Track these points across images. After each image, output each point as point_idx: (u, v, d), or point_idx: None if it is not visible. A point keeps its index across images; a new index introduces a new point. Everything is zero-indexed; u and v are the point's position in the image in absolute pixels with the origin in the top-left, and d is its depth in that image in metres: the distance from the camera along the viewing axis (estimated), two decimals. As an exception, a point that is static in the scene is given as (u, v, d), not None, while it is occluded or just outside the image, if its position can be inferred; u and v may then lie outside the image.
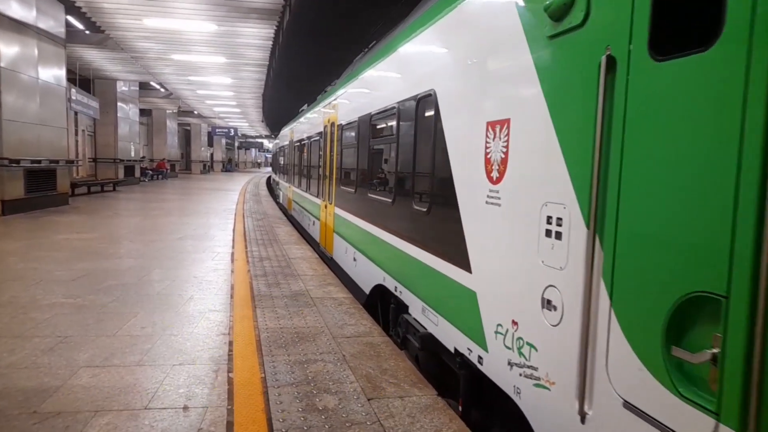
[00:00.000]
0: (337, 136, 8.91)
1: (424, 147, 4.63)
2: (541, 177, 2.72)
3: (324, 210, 10.00)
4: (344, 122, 8.26)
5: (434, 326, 4.24)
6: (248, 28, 15.17)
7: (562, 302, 2.53)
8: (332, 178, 9.22)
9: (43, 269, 7.31)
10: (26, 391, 3.54)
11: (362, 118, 6.96)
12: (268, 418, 3.25)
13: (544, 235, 2.65)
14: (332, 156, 9.32)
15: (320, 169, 10.65)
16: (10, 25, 13.38)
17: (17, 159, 13.65)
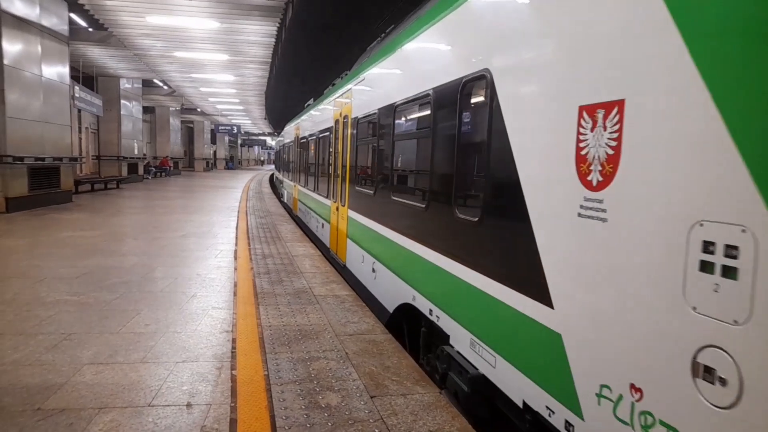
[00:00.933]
0: (351, 131, 7.84)
1: (471, 141, 3.84)
2: (688, 182, 1.91)
3: (335, 213, 9.04)
4: (360, 115, 7.25)
5: (490, 367, 3.40)
6: (251, 25, 15.17)
7: (738, 374, 1.73)
8: (345, 177, 8.20)
9: (46, 266, 7.33)
10: (30, 387, 3.56)
11: (384, 109, 6.02)
12: (271, 416, 3.25)
13: (698, 269, 1.87)
14: (345, 153, 8.30)
15: (330, 168, 9.66)
16: (13, 23, 13.40)
17: (21, 156, 13.68)
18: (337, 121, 9.14)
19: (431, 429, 3.17)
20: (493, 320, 3.35)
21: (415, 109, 5.28)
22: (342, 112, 8.60)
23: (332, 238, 9.38)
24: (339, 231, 8.66)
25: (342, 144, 8.53)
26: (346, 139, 8.17)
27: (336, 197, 9.00)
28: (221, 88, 28.98)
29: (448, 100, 4.16)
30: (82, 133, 28.58)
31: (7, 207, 13.33)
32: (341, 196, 8.53)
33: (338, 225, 8.74)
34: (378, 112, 6.25)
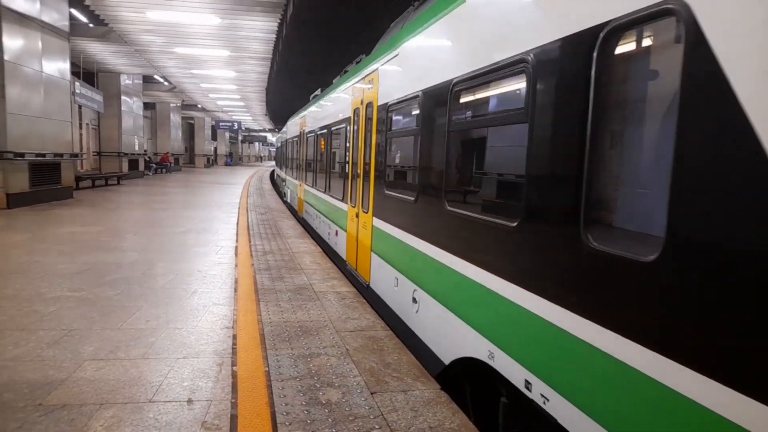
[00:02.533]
0: (376, 122, 6.27)
1: (632, 123, 2.49)
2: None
3: (353, 220, 7.44)
4: (392, 100, 5.68)
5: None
6: (252, 20, 15.14)
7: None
8: (369, 178, 6.57)
9: (47, 262, 7.34)
10: (31, 383, 3.56)
11: (433, 90, 4.46)
12: (272, 412, 3.26)
13: None
14: (368, 148, 6.69)
15: (347, 166, 7.97)
16: (14, 18, 13.38)
17: (22, 152, 13.67)
18: (356, 111, 7.49)
19: (432, 425, 3.17)
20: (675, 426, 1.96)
21: (490, 86, 3.74)
22: (363, 99, 7.00)
23: (350, 250, 7.72)
24: (360, 243, 6.98)
25: (364, 137, 6.94)
26: (370, 132, 6.54)
27: (355, 202, 7.28)
28: (222, 84, 28.96)
29: (567, 64, 2.70)
30: (82, 129, 28.55)
31: (8, 203, 13.34)
32: (363, 200, 6.87)
33: (358, 235, 7.05)
34: (422, 94, 4.73)
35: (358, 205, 7.16)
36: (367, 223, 6.55)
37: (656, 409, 2.04)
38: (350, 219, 7.70)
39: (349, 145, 7.93)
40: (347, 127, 8.12)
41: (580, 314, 2.47)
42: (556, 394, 2.66)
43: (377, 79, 6.45)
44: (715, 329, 1.81)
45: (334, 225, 9.16)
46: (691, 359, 1.88)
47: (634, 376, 2.13)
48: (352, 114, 7.77)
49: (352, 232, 7.54)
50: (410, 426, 3.15)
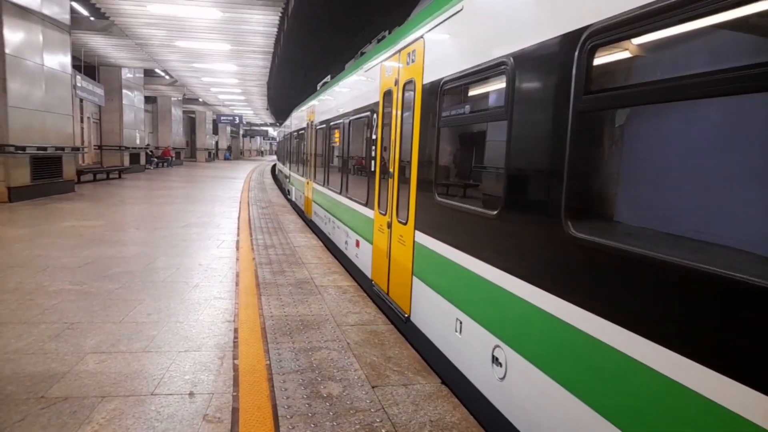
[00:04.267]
0: (421, 105, 4.74)
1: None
2: None
3: (384, 231, 5.87)
4: (449, 75, 4.13)
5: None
6: (253, 14, 15.09)
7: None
8: (407, 179, 5.07)
9: (49, 256, 7.35)
10: (34, 376, 3.58)
11: (537, 51, 2.94)
12: (273, 405, 3.27)
13: None
14: (406, 141, 5.19)
15: (373, 164, 6.52)
16: (15, 11, 13.34)
17: (23, 146, 13.67)
18: (387, 94, 5.97)
19: (432, 419, 3.18)
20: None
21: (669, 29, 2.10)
22: (399, 79, 5.47)
23: (378, 267, 6.22)
24: (394, 261, 5.51)
25: (399, 127, 5.45)
26: (410, 120, 5.07)
27: (386, 208, 5.83)
28: (223, 78, 28.90)
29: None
30: (84, 122, 28.51)
31: (10, 196, 13.35)
32: (397, 207, 5.47)
33: (391, 251, 5.58)
34: (512, 61, 3.17)
35: (391, 213, 5.61)
36: (406, 238, 5.04)
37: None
38: (378, 229, 6.16)
39: (375, 137, 6.40)
40: (373, 115, 6.54)
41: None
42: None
43: (422, 49, 4.79)
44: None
45: (353, 233, 7.57)
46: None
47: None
48: (381, 99, 6.16)
49: (381, 245, 6.00)
50: (411, 420, 3.16)
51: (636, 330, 2.11)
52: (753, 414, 1.65)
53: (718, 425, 1.76)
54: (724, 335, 1.76)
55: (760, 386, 1.63)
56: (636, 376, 2.11)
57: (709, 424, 1.80)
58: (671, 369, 1.94)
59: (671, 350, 1.94)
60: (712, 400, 1.77)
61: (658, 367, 2.00)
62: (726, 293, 1.74)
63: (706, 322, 1.82)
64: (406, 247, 5.05)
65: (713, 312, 1.80)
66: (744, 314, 1.70)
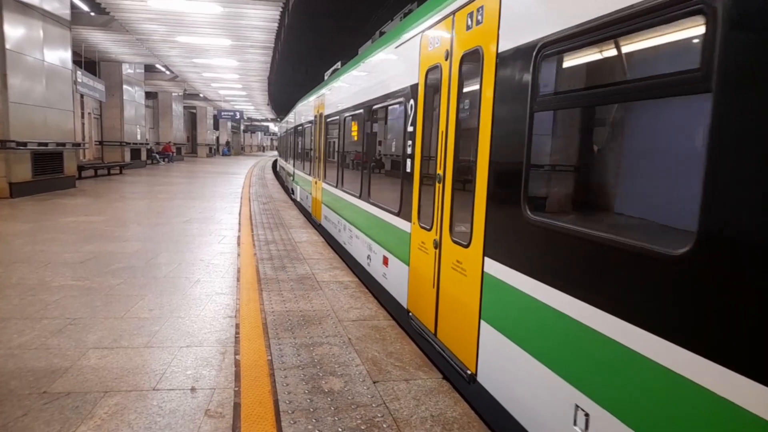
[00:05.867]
0: (492, 85, 3.42)
1: None
2: None
3: (427, 251, 4.59)
4: (553, 34, 2.79)
5: None
6: (253, 9, 15.03)
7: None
8: (468, 185, 3.84)
9: (51, 251, 7.36)
10: (36, 371, 3.59)
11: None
12: (275, 400, 3.28)
13: None
14: (467, 135, 3.92)
15: (409, 163, 5.15)
16: (15, 7, 13.31)
17: (24, 141, 13.68)
18: (433, 71, 4.56)
19: (434, 413, 3.19)
20: None
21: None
22: (453, 50, 4.09)
23: (417, 296, 4.89)
24: (448, 295, 4.16)
25: (451, 115, 4.08)
26: (473, 104, 3.80)
27: (431, 221, 4.51)
28: (224, 73, 28.83)
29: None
30: (84, 118, 28.52)
31: (11, 192, 13.36)
32: (449, 221, 4.16)
33: (444, 281, 4.24)
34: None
35: (439, 229, 4.32)
36: (469, 266, 3.73)
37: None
38: (417, 247, 4.86)
39: (412, 128, 5.05)
40: (408, 101, 5.18)
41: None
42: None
43: (495, 5, 3.44)
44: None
45: (379, 248, 6.24)
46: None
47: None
48: (422, 79, 4.79)
49: (423, 269, 4.68)
50: (412, 415, 3.17)
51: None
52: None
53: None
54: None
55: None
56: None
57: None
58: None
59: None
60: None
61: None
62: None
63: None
64: (469, 279, 3.70)
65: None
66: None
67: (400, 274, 5.39)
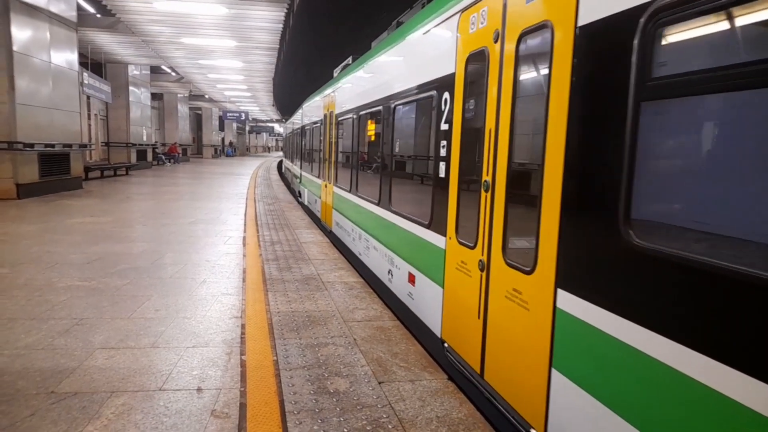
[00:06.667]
0: (569, 69, 2.66)
1: None
2: None
3: (473, 273, 3.76)
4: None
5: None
6: (258, 10, 15.08)
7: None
8: (541, 197, 2.88)
9: (57, 252, 7.40)
10: (44, 371, 3.61)
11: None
12: (281, 401, 3.28)
13: None
14: (522, 132, 3.24)
15: (442, 167, 4.36)
16: (22, 9, 13.41)
17: (31, 143, 13.77)
18: (476, 58, 3.80)
19: (439, 414, 3.19)
20: None
21: None
22: (505, 28, 3.35)
23: (455, 325, 4.13)
24: (500, 330, 3.40)
25: (505, 108, 3.32)
26: (537, 93, 3.03)
27: (477, 238, 3.68)
28: (229, 74, 28.91)
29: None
30: (91, 119, 28.67)
31: (18, 193, 13.45)
32: (505, 241, 3.34)
33: (494, 312, 3.47)
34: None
35: (486, 248, 3.52)
36: (533, 299, 2.97)
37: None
38: (456, 266, 4.03)
39: (447, 126, 4.25)
40: (442, 94, 4.38)
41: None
42: None
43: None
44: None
45: (403, 263, 5.47)
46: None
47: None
48: (461, 67, 3.98)
49: (464, 294, 3.88)
50: (417, 415, 3.16)
51: None
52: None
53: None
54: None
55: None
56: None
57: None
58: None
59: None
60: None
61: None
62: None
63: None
64: (533, 315, 2.96)
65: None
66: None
67: (431, 296, 4.62)
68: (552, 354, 2.80)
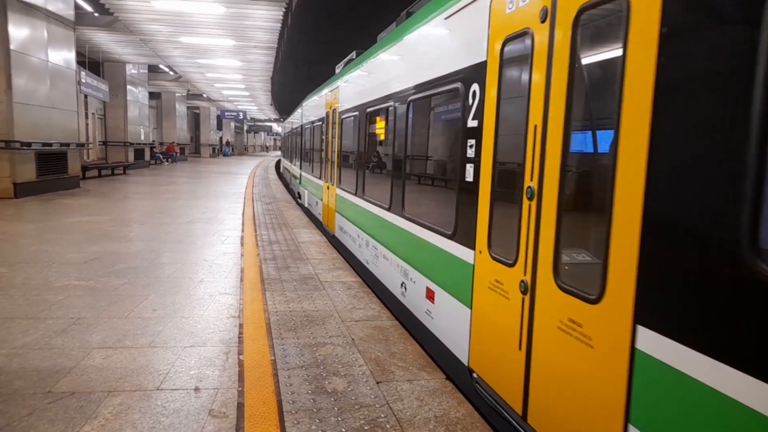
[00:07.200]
0: (657, 52, 2.06)
1: None
2: None
3: (511, 295, 3.16)
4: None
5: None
6: (257, 9, 15.05)
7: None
8: (617, 211, 2.27)
9: (55, 251, 7.39)
10: (41, 371, 3.60)
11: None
12: (278, 400, 3.28)
13: None
14: (578, 128, 2.73)
15: (470, 170, 3.83)
16: (19, 7, 13.37)
17: (28, 142, 13.73)
18: (513, 43, 3.27)
19: (437, 414, 3.19)
20: None
21: None
22: (565, 2, 2.71)
23: (487, 354, 3.55)
24: (548, 367, 2.82)
25: (558, 100, 2.74)
26: (623, 81, 2.24)
27: (517, 255, 3.11)
28: (227, 73, 28.85)
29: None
30: (88, 118, 28.61)
31: (16, 192, 13.42)
32: (556, 260, 2.75)
33: (539, 344, 2.90)
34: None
35: (531, 266, 2.97)
36: (599, 332, 2.42)
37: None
38: (488, 285, 3.47)
39: (476, 123, 3.71)
40: (469, 87, 3.82)
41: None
42: None
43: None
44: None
45: (420, 276, 4.87)
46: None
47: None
48: (493, 55, 3.46)
49: (497, 318, 3.35)
50: (415, 415, 3.17)
51: None
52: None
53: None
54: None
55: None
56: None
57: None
58: None
59: None
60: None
61: None
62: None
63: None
64: (599, 355, 2.39)
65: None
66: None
67: (455, 316, 4.05)
68: (629, 406, 2.21)
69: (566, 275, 2.70)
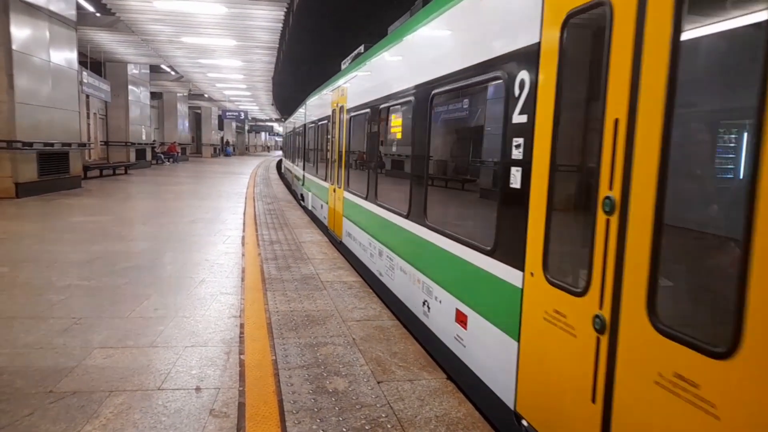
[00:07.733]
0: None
1: None
2: None
3: (581, 334, 2.50)
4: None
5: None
6: (258, 10, 15.07)
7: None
8: (759, 231, 1.63)
9: (57, 251, 7.40)
10: (42, 370, 3.61)
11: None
12: (279, 400, 3.28)
13: None
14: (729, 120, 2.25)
15: (516, 175, 3.14)
16: (21, 8, 13.40)
17: (30, 142, 13.75)
18: (580, 17, 2.60)
19: (438, 414, 3.19)
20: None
21: None
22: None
23: (562, 418, 2.68)
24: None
25: (643, 94, 2.14)
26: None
27: (590, 280, 2.45)
28: (228, 73, 28.86)
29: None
30: (90, 118, 28.66)
31: (17, 192, 13.44)
32: (645, 296, 2.09)
33: (642, 415, 2.10)
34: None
35: (610, 298, 2.33)
36: (722, 397, 1.75)
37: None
38: (537, 313, 2.92)
39: (524, 118, 3.10)
40: (514, 77, 3.19)
41: None
42: None
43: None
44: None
45: (447, 295, 4.23)
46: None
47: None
48: (551, 36, 2.80)
49: (558, 357, 2.72)
50: (416, 415, 3.17)
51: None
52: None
53: None
54: None
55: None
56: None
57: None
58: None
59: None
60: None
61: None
62: None
63: None
64: (727, 428, 1.75)
65: None
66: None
67: (495, 349, 3.39)
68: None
69: (668, 314, 2.03)
